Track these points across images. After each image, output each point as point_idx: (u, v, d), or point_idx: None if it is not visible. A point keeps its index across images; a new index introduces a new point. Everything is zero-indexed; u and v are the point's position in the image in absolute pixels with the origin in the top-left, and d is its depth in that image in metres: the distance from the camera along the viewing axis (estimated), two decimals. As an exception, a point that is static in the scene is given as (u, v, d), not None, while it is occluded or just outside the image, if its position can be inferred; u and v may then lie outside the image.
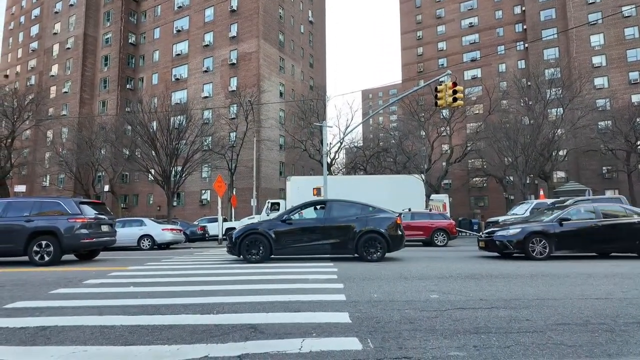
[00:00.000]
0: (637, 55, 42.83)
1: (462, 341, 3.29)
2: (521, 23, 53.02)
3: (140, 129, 28.41)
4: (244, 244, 9.83)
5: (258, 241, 9.83)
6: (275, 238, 9.81)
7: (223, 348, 3.20)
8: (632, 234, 9.85)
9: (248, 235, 9.90)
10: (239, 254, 9.92)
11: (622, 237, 9.88)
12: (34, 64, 58.48)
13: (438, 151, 38.19)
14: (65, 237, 9.98)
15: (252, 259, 9.74)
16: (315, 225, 10.02)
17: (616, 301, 4.77)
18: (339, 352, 3.06)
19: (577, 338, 3.35)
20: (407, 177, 27.37)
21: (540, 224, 10.20)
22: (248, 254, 9.81)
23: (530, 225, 10.26)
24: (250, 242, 9.84)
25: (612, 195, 38.39)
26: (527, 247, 9.76)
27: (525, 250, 9.78)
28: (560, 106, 31.63)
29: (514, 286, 5.92)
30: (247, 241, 9.85)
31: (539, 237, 9.81)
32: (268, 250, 9.79)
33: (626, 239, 9.86)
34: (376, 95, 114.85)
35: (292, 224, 10.02)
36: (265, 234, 9.84)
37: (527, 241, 9.78)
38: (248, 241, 9.85)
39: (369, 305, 4.65)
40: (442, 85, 16.04)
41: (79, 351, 3.21)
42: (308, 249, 9.94)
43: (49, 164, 44.82)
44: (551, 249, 9.75)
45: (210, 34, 44.80)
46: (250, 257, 9.79)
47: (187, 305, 4.82)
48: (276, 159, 43.06)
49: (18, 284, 6.82)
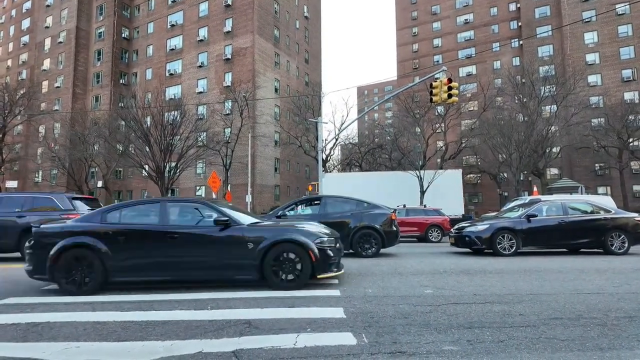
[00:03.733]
0: (630, 53, 43.12)
1: (456, 336, 3.31)
2: (516, 20, 53.17)
3: (134, 125, 28.17)
4: None
5: None
6: None
7: (217, 343, 3.19)
8: (598, 230, 9.90)
9: None
10: None
11: (589, 233, 9.90)
12: (26, 58, 57.64)
13: (433, 148, 38.30)
14: (57, 233, 9.88)
15: None
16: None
17: (608, 296, 4.82)
18: (334, 347, 3.06)
19: (569, 332, 3.38)
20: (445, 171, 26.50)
21: (508, 220, 10.24)
22: None
23: (498, 221, 10.29)
24: None
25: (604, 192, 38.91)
26: (494, 243, 9.73)
27: (493, 246, 9.76)
28: (554, 103, 31.82)
29: (507, 281, 5.96)
30: None
31: (507, 233, 9.78)
32: None
33: (593, 235, 9.89)
34: (371, 92, 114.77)
35: (287, 220, 9.99)
36: None
37: (495, 237, 9.75)
38: None
39: (364, 301, 4.66)
40: (437, 81, 16.05)
41: (72, 347, 3.18)
42: None
43: (42, 159, 44.38)
44: (519, 245, 9.75)
45: (204, 28, 44.42)
46: None
47: (181, 300, 4.80)
48: (271, 155, 42.93)
49: (10, 280, 6.75)
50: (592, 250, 10.35)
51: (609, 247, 9.82)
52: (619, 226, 9.99)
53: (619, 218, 10.16)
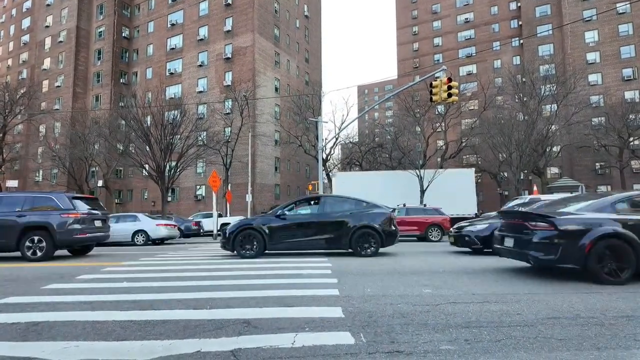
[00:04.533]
0: (630, 52, 43.08)
1: (454, 335, 3.32)
2: (516, 19, 53.12)
3: (134, 124, 28.19)
4: (238, 240, 9.80)
5: (252, 236, 9.80)
6: (269, 233, 9.79)
7: (216, 343, 3.20)
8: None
9: (242, 230, 9.87)
10: (232, 250, 9.89)
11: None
12: (26, 58, 57.67)
13: (433, 147, 38.33)
14: (58, 232, 9.91)
15: (245, 255, 9.72)
16: (309, 221, 9.99)
17: (606, 295, 4.83)
18: (332, 346, 3.07)
19: (567, 332, 3.39)
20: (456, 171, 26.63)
21: None
22: (242, 249, 9.78)
23: (498, 221, 10.26)
24: (244, 237, 9.81)
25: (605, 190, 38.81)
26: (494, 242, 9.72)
27: (493, 245, 9.74)
28: (555, 102, 31.81)
29: (505, 280, 5.97)
30: (241, 236, 9.81)
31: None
32: (262, 245, 9.77)
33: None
34: (372, 91, 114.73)
35: (286, 219, 10.00)
36: (259, 230, 9.81)
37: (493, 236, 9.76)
38: (242, 236, 9.81)
39: (362, 300, 4.68)
40: (437, 81, 16.05)
41: (71, 346, 3.19)
42: (302, 244, 9.92)
43: (42, 158, 44.43)
44: None
45: (204, 27, 44.42)
46: (244, 252, 9.76)
47: (181, 300, 4.82)
48: (271, 154, 42.94)
49: (10, 279, 6.77)
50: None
51: None
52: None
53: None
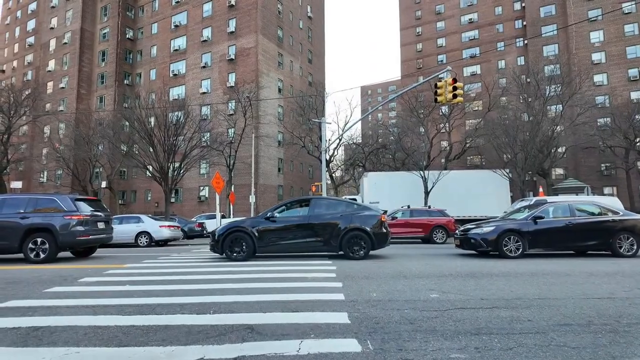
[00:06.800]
0: (636, 52, 42.71)
1: (463, 342, 3.23)
2: (521, 19, 52.83)
3: (138, 125, 28.20)
4: (227, 242, 9.69)
5: (241, 239, 9.67)
6: (258, 236, 9.65)
7: (219, 349, 3.13)
8: (606, 232, 9.76)
9: (231, 233, 9.75)
10: (221, 252, 9.77)
11: (596, 235, 9.77)
12: (31, 59, 58.01)
13: (437, 148, 38.13)
14: (61, 234, 9.88)
15: (234, 257, 9.58)
16: (299, 223, 9.86)
17: (619, 301, 4.72)
18: (338, 354, 2.99)
19: (580, 339, 3.29)
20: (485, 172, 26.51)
21: (515, 222, 10.10)
22: (231, 251, 9.66)
23: (504, 223, 10.15)
24: (233, 240, 9.69)
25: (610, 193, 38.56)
26: (500, 245, 9.62)
27: (499, 248, 9.63)
28: (560, 103, 31.53)
29: (514, 285, 5.86)
30: (230, 239, 9.70)
31: (513, 235, 9.66)
32: (251, 248, 9.62)
33: (600, 237, 9.76)
34: (375, 92, 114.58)
35: (276, 221, 9.85)
36: (249, 232, 9.67)
37: (500, 239, 9.63)
38: (231, 239, 9.70)
39: (368, 305, 4.59)
40: (442, 81, 15.94)
41: (72, 353, 3.13)
42: (292, 246, 9.80)
43: (46, 160, 44.63)
44: (525, 247, 9.62)
45: (208, 29, 44.48)
46: (232, 255, 9.62)
47: (183, 304, 4.74)
48: (274, 155, 42.91)
49: (12, 282, 6.73)
50: (599, 252, 10.21)
51: (617, 249, 9.68)
52: (628, 228, 9.85)
53: (627, 220, 10.02)
